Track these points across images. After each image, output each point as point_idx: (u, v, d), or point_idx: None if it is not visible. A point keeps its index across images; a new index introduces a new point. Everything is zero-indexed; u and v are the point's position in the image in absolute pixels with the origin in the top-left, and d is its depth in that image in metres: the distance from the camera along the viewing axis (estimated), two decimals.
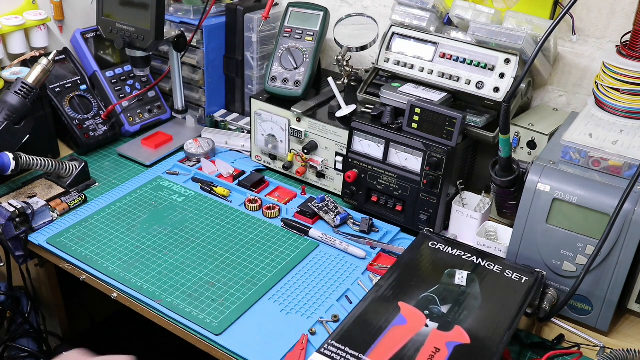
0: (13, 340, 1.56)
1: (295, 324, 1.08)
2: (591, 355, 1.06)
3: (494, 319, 0.99)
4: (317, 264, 1.23)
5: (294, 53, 1.45)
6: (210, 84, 1.67)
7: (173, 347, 1.72)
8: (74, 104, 1.57)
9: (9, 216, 1.24)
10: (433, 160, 1.23)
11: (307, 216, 1.34)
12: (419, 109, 1.24)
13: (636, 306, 1.11)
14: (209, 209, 1.37)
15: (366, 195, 1.35)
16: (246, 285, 1.16)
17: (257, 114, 1.47)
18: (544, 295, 1.11)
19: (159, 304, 1.11)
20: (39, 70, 1.37)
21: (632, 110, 1.10)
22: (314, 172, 1.46)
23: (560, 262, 1.09)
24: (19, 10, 1.57)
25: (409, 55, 1.34)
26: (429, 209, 1.28)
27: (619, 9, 1.28)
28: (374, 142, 1.30)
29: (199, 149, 1.55)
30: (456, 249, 1.14)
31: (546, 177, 1.07)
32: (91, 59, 1.63)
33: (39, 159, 1.35)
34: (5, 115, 1.32)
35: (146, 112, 1.68)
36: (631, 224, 1.00)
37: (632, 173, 1.03)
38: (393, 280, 1.07)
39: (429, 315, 0.99)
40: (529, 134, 1.30)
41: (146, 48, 1.44)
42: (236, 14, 1.58)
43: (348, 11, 1.58)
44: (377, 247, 1.26)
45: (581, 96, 1.38)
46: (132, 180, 1.47)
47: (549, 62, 1.35)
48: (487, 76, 1.26)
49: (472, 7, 1.30)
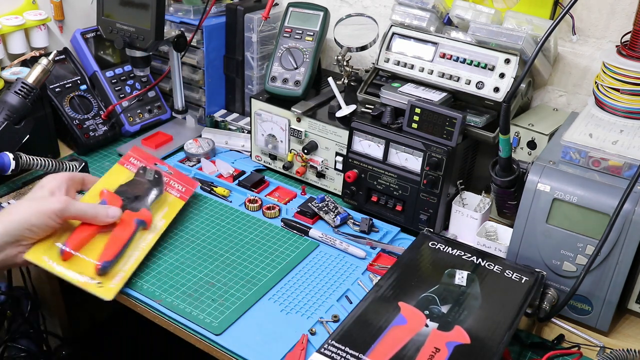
0: (13, 340, 1.56)
1: (295, 324, 1.08)
2: (591, 355, 1.06)
3: (494, 319, 0.99)
4: (317, 264, 1.23)
5: (294, 53, 1.46)
6: (210, 84, 1.67)
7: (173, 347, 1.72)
8: (74, 104, 1.57)
9: None
10: (433, 160, 1.23)
11: (307, 216, 1.34)
12: (419, 109, 1.24)
13: (636, 306, 1.11)
14: (208, 209, 1.37)
15: (366, 195, 1.35)
16: (246, 285, 1.16)
17: (257, 114, 1.47)
18: (544, 295, 1.11)
19: (158, 304, 1.11)
20: (39, 70, 1.37)
21: (632, 110, 1.10)
22: (314, 172, 1.46)
23: (560, 262, 1.09)
24: (19, 10, 1.57)
25: (409, 55, 1.34)
26: (429, 209, 1.28)
27: (619, 9, 1.28)
28: (374, 142, 1.30)
29: (199, 149, 1.55)
30: (456, 249, 1.14)
31: (546, 177, 1.07)
32: (91, 59, 1.63)
33: (39, 159, 1.35)
34: (5, 115, 1.32)
35: (146, 112, 1.68)
36: (631, 224, 1.00)
37: (632, 173, 1.03)
38: (393, 280, 1.07)
39: (429, 315, 0.99)
40: (529, 134, 1.30)
41: (146, 48, 1.45)
42: (236, 14, 1.58)
43: (348, 11, 1.58)
44: (377, 247, 1.26)
45: (581, 96, 1.38)
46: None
47: (549, 62, 1.35)
48: (487, 76, 1.26)
49: (472, 7, 1.30)
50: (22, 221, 1.01)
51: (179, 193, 1.17)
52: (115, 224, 1.09)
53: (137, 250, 1.11)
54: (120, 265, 1.08)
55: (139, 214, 1.12)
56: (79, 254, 1.06)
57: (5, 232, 1.00)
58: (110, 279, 1.06)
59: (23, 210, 1.02)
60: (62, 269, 1.04)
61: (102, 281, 1.05)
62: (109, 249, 1.07)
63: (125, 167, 1.19)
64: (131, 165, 1.20)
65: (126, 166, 1.20)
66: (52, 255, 1.05)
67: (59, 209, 1.02)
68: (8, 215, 1.01)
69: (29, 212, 1.02)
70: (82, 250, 1.07)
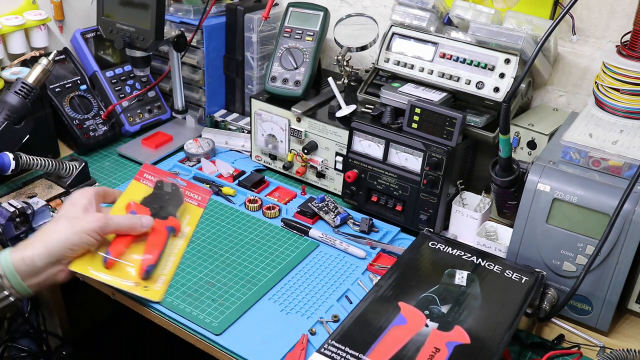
0: (13, 340, 1.56)
1: (295, 324, 1.08)
2: (591, 355, 1.06)
3: (494, 319, 0.99)
4: (317, 264, 1.23)
5: (294, 53, 1.46)
6: (210, 84, 1.67)
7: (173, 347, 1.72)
8: (74, 104, 1.57)
9: (9, 216, 1.24)
10: (433, 160, 1.23)
11: (307, 216, 1.34)
12: (419, 109, 1.24)
13: (636, 306, 1.11)
14: (208, 209, 1.37)
15: (366, 195, 1.35)
16: (246, 285, 1.16)
17: (257, 114, 1.47)
18: (544, 295, 1.11)
19: (159, 304, 1.11)
20: (39, 70, 1.37)
21: (632, 110, 1.10)
22: (314, 172, 1.46)
23: (560, 262, 1.09)
24: (19, 10, 1.57)
25: (409, 55, 1.34)
26: (429, 209, 1.28)
27: (619, 9, 1.28)
28: (374, 142, 1.30)
29: (199, 149, 1.55)
30: (456, 249, 1.14)
31: (546, 177, 1.07)
32: (91, 59, 1.63)
33: (39, 159, 1.35)
34: (5, 115, 1.32)
35: (146, 112, 1.68)
36: (631, 224, 1.00)
37: (632, 173, 1.03)
38: (393, 280, 1.07)
39: (429, 315, 0.99)
40: (529, 134, 1.30)
41: (146, 48, 1.45)
42: (236, 14, 1.58)
43: (348, 11, 1.58)
44: (377, 247, 1.26)
45: (581, 96, 1.38)
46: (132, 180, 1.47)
47: (549, 62, 1.35)
48: (487, 76, 1.26)
49: (472, 7, 1.30)
50: (63, 241, 1.02)
51: (197, 201, 1.24)
52: (148, 232, 1.14)
53: (171, 256, 1.15)
54: (160, 269, 1.12)
55: (168, 221, 1.17)
56: (122, 261, 1.10)
57: (48, 253, 1.01)
58: (154, 283, 1.10)
59: (63, 230, 1.03)
60: (108, 277, 1.07)
61: (147, 285, 1.09)
62: (148, 254, 1.11)
63: (142, 182, 1.25)
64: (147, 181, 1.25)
65: (142, 182, 1.25)
66: (96, 265, 1.08)
67: (98, 227, 1.04)
68: (49, 236, 1.03)
69: (69, 231, 1.03)
70: (123, 257, 1.11)
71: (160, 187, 1.23)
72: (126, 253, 1.11)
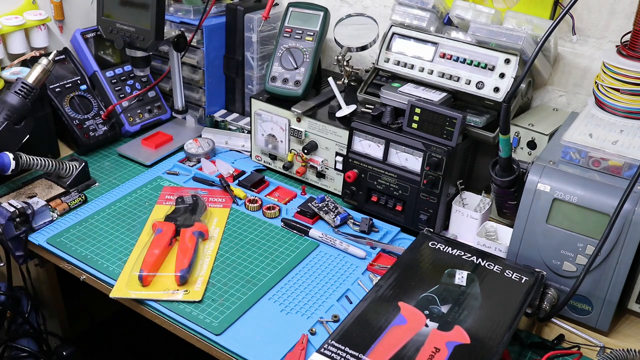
0: (13, 340, 1.56)
1: (295, 324, 1.08)
2: (591, 355, 1.06)
3: (493, 319, 0.99)
4: (317, 264, 1.23)
5: (294, 53, 1.45)
6: (210, 84, 1.67)
7: (173, 347, 1.72)
8: (74, 104, 1.57)
9: (9, 216, 1.24)
10: (433, 160, 1.23)
11: (307, 216, 1.34)
12: (419, 109, 1.24)
13: (636, 306, 1.11)
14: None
15: (366, 195, 1.35)
16: (246, 285, 1.16)
17: (257, 114, 1.47)
18: (544, 295, 1.11)
19: (159, 304, 1.11)
20: (39, 70, 1.37)
21: (632, 110, 1.10)
22: (314, 172, 1.46)
23: (560, 262, 1.09)
24: (19, 10, 1.57)
25: (409, 55, 1.34)
26: (429, 209, 1.28)
27: (619, 9, 1.28)
28: (374, 142, 1.30)
29: (199, 149, 1.55)
30: (456, 249, 1.14)
31: (546, 177, 1.07)
32: (91, 59, 1.63)
33: (39, 159, 1.35)
34: (5, 115, 1.32)
35: (146, 112, 1.68)
36: (631, 224, 1.00)
37: (632, 173, 1.03)
38: (393, 280, 1.07)
39: (429, 315, 0.99)
40: (529, 134, 1.30)
41: (146, 48, 1.44)
42: (236, 14, 1.58)
43: (348, 11, 1.58)
44: (377, 247, 1.26)
45: (581, 96, 1.38)
46: (132, 180, 1.47)
47: (549, 62, 1.35)
48: (487, 76, 1.26)
49: (472, 7, 1.30)
50: None
51: (222, 204, 1.31)
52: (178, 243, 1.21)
53: (206, 258, 1.21)
54: (196, 272, 1.17)
55: (194, 227, 1.24)
56: (157, 274, 1.15)
57: None
58: (192, 285, 1.14)
59: None
60: (148, 292, 1.12)
61: (187, 289, 1.13)
62: (180, 260, 1.16)
63: (164, 204, 1.34)
64: (168, 201, 1.34)
65: (165, 203, 1.34)
66: (134, 286, 1.13)
67: None
68: None
69: None
70: (157, 270, 1.16)
71: (181, 201, 1.31)
72: (159, 266, 1.16)
